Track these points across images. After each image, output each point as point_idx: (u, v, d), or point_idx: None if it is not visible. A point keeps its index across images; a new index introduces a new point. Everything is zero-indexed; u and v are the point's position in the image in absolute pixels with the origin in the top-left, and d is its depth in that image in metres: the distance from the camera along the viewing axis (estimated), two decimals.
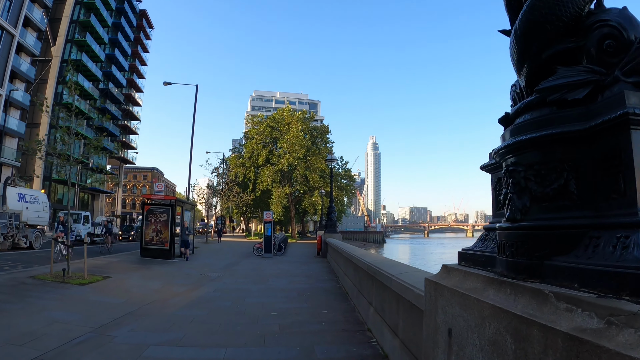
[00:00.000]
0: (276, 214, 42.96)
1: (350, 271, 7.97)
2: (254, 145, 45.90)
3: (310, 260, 17.92)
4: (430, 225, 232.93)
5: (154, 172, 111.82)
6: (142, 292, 8.94)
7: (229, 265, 15.50)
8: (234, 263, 16.19)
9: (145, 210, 16.68)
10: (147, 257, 16.19)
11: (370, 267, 5.38)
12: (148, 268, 13.25)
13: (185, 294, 8.68)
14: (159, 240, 16.31)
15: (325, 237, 18.23)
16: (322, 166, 44.21)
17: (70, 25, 50.61)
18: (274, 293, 8.71)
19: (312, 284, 10.14)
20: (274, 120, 47.05)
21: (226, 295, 8.54)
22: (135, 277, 11.15)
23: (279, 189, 43.51)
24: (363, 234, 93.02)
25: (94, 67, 53.61)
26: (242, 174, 45.75)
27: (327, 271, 13.13)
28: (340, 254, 10.12)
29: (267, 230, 19.09)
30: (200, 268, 14.07)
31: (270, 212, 19.55)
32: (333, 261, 13.82)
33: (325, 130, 47.76)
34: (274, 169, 43.46)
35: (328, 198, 45.16)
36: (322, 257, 18.36)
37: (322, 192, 40.37)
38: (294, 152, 43.01)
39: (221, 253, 21.63)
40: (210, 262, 16.63)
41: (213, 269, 13.77)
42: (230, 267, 14.61)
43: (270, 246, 18.93)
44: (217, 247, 26.70)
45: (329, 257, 16.48)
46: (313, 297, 8.21)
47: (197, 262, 16.00)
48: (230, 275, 12.23)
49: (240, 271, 13.44)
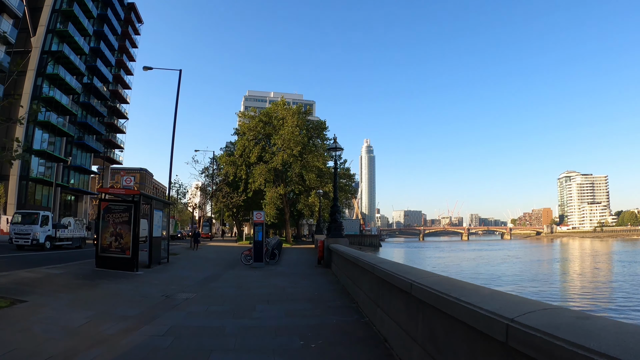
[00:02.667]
0: (269, 216, 39.44)
1: (395, 304, 4.59)
2: (246, 141, 42.26)
3: (310, 270, 14.50)
4: (426, 229, 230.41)
5: (142, 173, 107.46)
6: (49, 333, 5.50)
7: (207, 279, 12.02)
8: (215, 276, 12.72)
9: (102, 208, 13.14)
10: (104, 267, 12.70)
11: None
12: (93, 285, 9.76)
13: (114, 340, 5.22)
14: (118, 246, 12.79)
15: (329, 242, 14.86)
16: (319, 164, 40.82)
17: (51, 15, 46.92)
18: (262, 341, 5.26)
19: (321, 317, 6.71)
20: (267, 115, 43.49)
21: (180, 344, 5.08)
22: (62, 301, 7.66)
23: (272, 189, 40.00)
24: (358, 237, 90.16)
25: (77, 59, 49.80)
26: (232, 172, 42.15)
27: (336, 289, 9.73)
28: (363, 269, 6.76)
29: (258, 234, 15.65)
30: (166, 284, 10.60)
31: (261, 212, 16.11)
32: (343, 275, 10.47)
33: (322, 126, 44.27)
34: (267, 168, 39.94)
35: (326, 199, 41.92)
36: (325, 267, 14.99)
37: (319, 192, 36.93)
38: (289, 149, 39.54)
39: (203, 262, 18.14)
40: (184, 274, 13.15)
41: (183, 287, 10.30)
42: (207, 283, 11.13)
43: (262, 253, 15.50)
44: (200, 254, 23.15)
45: (335, 268, 13.12)
46: (328, 351, 4.80)
47: (167, 275, 12.52)
48: (203, 297, 8.76)
49: (219, 290, 9.97)
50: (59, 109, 46.91)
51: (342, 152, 16.17)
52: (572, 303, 20.65)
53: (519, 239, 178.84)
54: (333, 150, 15.98)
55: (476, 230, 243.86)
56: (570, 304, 20.32)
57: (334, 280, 11.46)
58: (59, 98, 46.37)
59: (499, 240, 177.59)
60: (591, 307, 18.88)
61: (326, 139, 44.11)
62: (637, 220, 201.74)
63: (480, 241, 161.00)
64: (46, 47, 46.13)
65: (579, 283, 30.15)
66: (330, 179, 41.80)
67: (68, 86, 48.12)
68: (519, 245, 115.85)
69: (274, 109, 43.75)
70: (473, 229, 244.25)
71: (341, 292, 9.19)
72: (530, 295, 18.99)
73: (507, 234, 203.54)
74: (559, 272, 39.42)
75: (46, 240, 20.09)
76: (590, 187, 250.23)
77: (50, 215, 21.04)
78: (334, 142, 16.03)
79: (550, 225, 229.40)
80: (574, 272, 38.62)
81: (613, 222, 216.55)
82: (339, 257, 11.59)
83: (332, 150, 16.05)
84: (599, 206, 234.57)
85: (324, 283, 10.98)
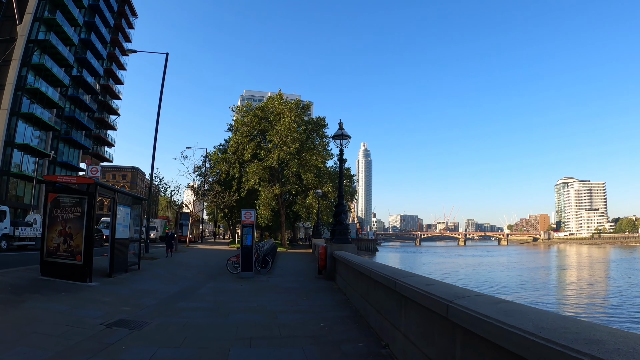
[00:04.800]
0: (264, 217, 36.73)
1: None
2: (240, 137, 39.51)
3: (310, 284, 11.81)
4: (422, 234, 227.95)
5: (134, 171, 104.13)
6: None
7: (178, 296, 9.33)
8: (189, 291, 10.02)
9: (50, 200, 10.42)
10: (49, 276, 9.98)
11: None
12: (16, 303, 7.05)
13: None
14: (67, 250, 10.06)
15: (333, 249, 12.20)
16: (318, 163, 38.19)
17: (39, 3, 44.15)
18: None
19: None
20: (263, 110, 40.74)
21: None
22: None
23: (267, 189, 37.28)
24: (355, 241, 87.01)
25: (65, 50, 46.87)
26: (225, 171, 39.40)
27: (349, 316, 7.04)
28: (403, 296, 4.14)
29: (247, 237, 12.94)
30: (120, 304, 7.90)
31: (251, 212, 13.38)
32: (355, 293, 7.86)
33: (321, 123, 41.57)
34: (262, 166, 37.22)
35: (325, 200, 39.23)
36: (328, 279, 12.33)
37: (318, 192, 34.25)
38: (286, 147, 36.88)
39: (183, 269, 15.39)
40: (151, 287, 10.44)
41: (140, 308, 7.60)
42: (174, 303, 8.42)
43: (251, 261, 12.81)
44: (183, 259, 20.37)
45: (341, 281, 10.50)
46: None
47: (128, 289, 9.79)
48: (157, 329, 6.04)
49: (186, 315, 7.24)
50: (44, 101, 44.06)
51: (349, 140, 13.54)
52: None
53: (515, 245, 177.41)
54: (339, 138, 13.36)
55: (472, 236, 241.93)
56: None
57: (343, 300, 8.79)
58: (44, 90, 43.59)
59: (496, 246, 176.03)
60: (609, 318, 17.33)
61: (326, 136, 41.50)
62: (635, 228, 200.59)
63: (477, 246, 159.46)
64: (32, 36, 43.39)
65: (593, 292, 28.43)
66: (330, 179, 39.19)
67: (55, 78, 45.31)
68: (518, 251, 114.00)
69: (271, 104, 41.11)
70: (469, 234, 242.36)
71: (357, 322, 6.51)
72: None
73: (504, 240, 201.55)
74: (575, 280, 37.39)
75: (1, 239, 17.25)
76: (588, 193, 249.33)
77: (7, 210, 18.19)
78: (340, 128, 13.44)
79: (548, 232, 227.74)
80: (584, 281, 36.82)
81: (611, 229, 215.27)
82: (348, 269, 8.98)
83: (337, 138, 13.43)
84: (596, 213, 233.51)
85: (329, 305, 8.28)
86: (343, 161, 13.56)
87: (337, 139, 13.56)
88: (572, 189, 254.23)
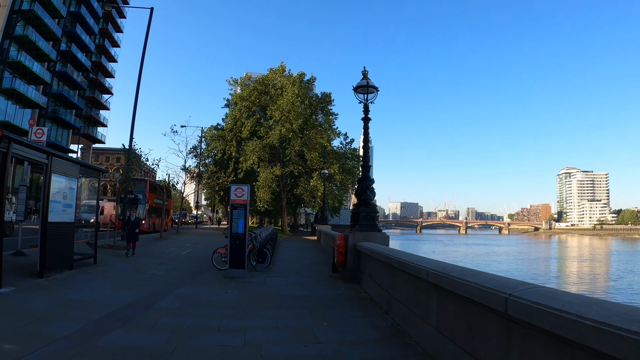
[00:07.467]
0: (263, 201, 33.29)
1: None
2: (237, 113, 35.75)
3: (326, 289, 8.37)
4: (422, 221, 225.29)
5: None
6: None
7: (119, 313, 5.84)
8: (144, 303, 6.56)
9: None
10: None
11: None
12: None
13: None
14: None
15: (357, 239, 8.80)
16: (324, 142, 34.58)
17: None
18: None
19: None
20: (263, 83, 36.82)
21: None
22: None
23: (267, 170, 33.76)
24: None
25: (51, 22, 42.52)
26: (220, 149, 35.77)
27: None
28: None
29: (238, 222, 9.44)
30: (16, 333, 4.50)
31: (244, 187, 9.86)
32: (413, 314, 4.46)
33: (327, 99, 37.74)
34: (262, 144, 33.60)
35: (331, 182, 35.74)
36: (349, 282, 8.94)
37: (325, 173, 30.72)
38: (288, 123, 33.21)
39: (156, 264, 11.96)
40: (88, 297, 6.93)
41: (30, 347, 4.20)
42: (102, 334, 4.90)
43: (243, 254, 9.39)
44: (163, 248, 16.98)
45: (375, 288, 7.10)
46: None
47: (51, 300, 6.30)
48: None
49: None
50: (28, 76, 40.07)
51: (376, 95, 9.98)
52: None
53: (517, 234, 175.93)
54: (363, 91, 9.81)
55: (473, 224, 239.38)
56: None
57: (388, 325, 5.34)
58: (29, 64, 39.60)
59: (497, 235, 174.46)
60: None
61: (332, 114, 37.78)
62: (638, 220, 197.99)
63: (478, 235, 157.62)
64: (16, 6, 39.16)
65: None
66: (336, 159, 35.62)
67: (40, 51, 41.27)
68: (521, 240, 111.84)
69: (272, 77, 37.17)
70: (470, 223, 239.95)
71: None
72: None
73: (505, 229, 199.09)
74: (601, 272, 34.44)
75: None
76: (591, 184, 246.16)
77: None
78: (364, 77, 9.86)
79: (549, 222, 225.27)
80: (601, 275, 34.03)
81: (613, 221, 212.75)
82: (393, 273, 5.58)
83: (360, 91, 9.87)
84: (598, 204, 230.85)
85: (372, 339, 4.83)
86: (367, 120, 9.98)
87: (361, 92, 9.98)
88: (575, 179, 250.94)
